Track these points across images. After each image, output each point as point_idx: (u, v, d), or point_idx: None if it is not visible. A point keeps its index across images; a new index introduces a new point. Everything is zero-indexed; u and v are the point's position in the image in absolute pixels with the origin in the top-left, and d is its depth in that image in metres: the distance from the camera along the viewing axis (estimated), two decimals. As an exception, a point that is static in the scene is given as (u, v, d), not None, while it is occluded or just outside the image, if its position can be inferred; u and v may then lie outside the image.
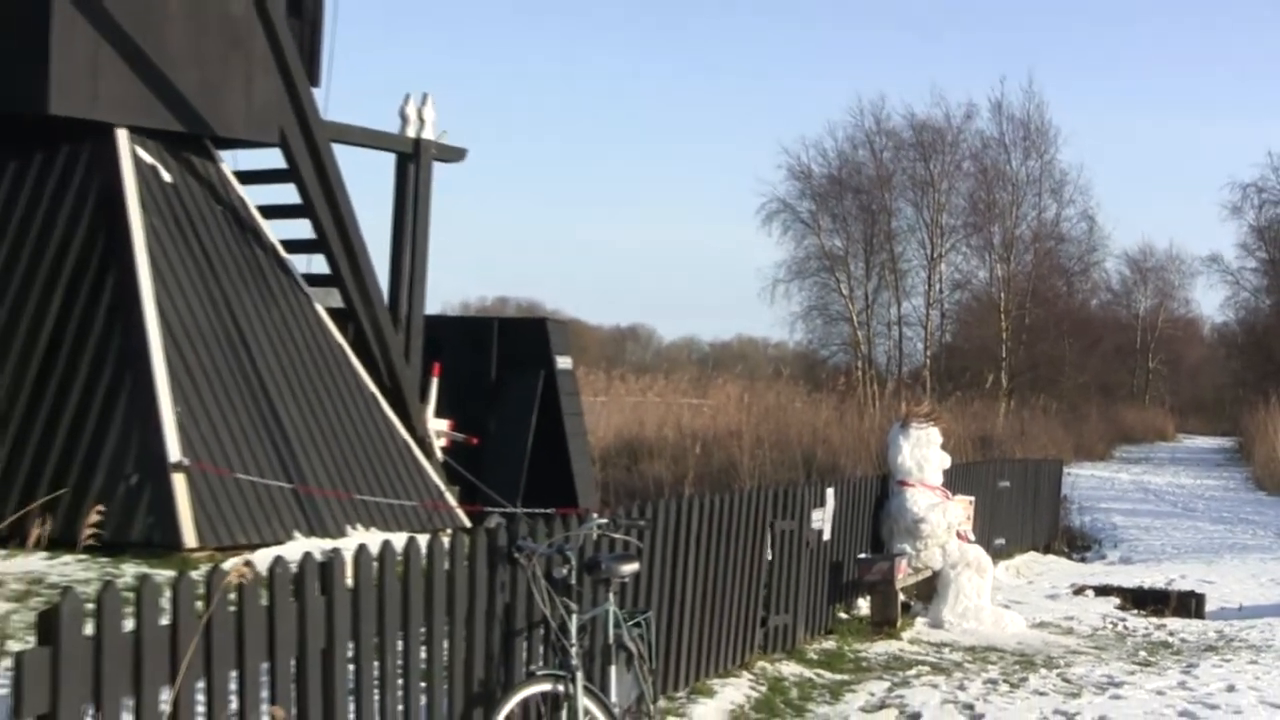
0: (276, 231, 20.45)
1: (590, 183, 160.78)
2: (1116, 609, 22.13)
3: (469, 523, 19.46)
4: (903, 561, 18.84)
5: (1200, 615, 21.97)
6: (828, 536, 17.34)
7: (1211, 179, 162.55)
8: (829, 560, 17.53)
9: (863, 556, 18.73)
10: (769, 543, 15.41)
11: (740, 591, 14.61)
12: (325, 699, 8.31)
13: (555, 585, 9.99)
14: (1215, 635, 19.69)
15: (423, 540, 9.28)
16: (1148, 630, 20.29)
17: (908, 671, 15.80)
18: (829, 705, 13.94)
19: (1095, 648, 18.44)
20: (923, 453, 19.69)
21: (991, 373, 68.54)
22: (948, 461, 20.19)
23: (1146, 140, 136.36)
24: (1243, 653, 17.79)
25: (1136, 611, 22.01)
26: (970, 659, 16.92)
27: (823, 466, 34.35)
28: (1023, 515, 28.22)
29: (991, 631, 18.86)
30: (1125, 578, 25.17)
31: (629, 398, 48.82)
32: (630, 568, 10.79)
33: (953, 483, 20.49)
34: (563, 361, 24.65)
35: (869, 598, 18.78)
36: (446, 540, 9.52)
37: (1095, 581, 24.57)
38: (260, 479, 17.77)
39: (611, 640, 10.37)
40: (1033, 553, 28.33)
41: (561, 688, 9.42)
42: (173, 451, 17.03)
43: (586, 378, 42.28)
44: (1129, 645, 18.79)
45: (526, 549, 9.93)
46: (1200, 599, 22.62)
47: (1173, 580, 24.77)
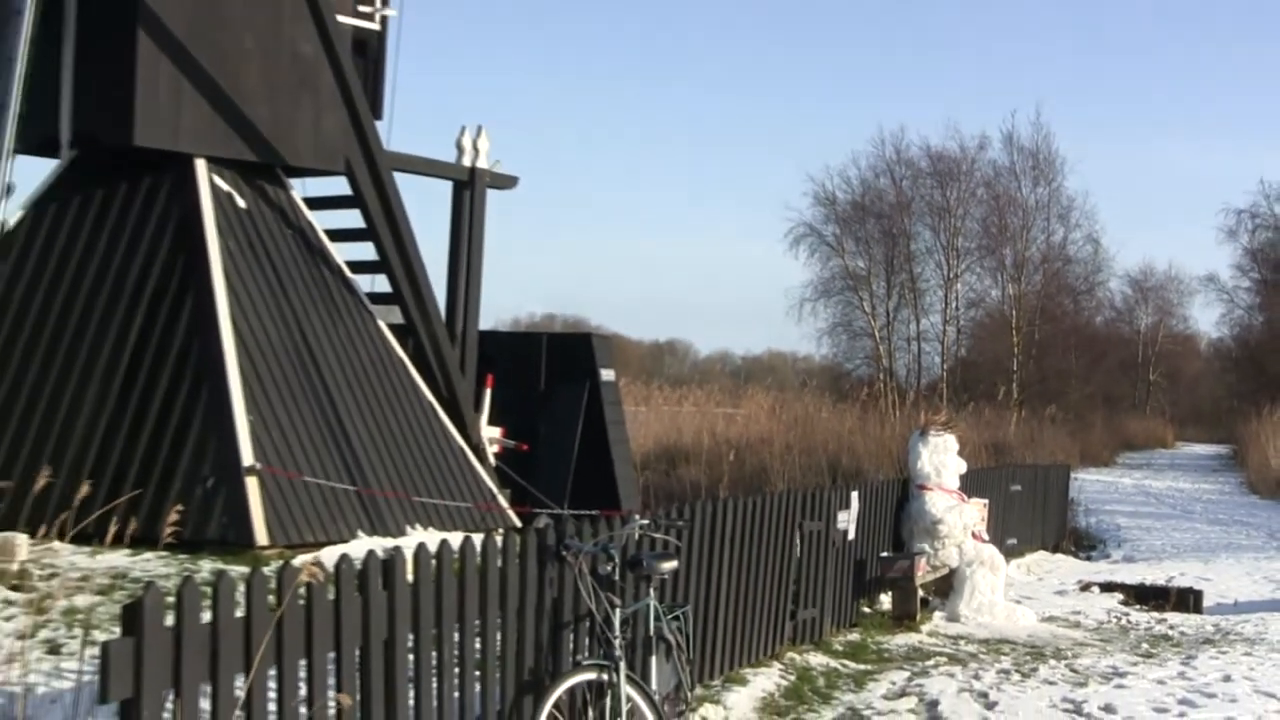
0: (342, 253, 20.47)
1: (632, 208, 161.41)
2: (1120, 604, 22.06)
3: (519, 523, 19.42)
4: (922, 560, 18.81)
5: (1198, 610, 21.88)
6: (852, 536, 17.31)
7: (1208, 205, 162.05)
8: (853, 558, 17.49)
9: (885, 555, 18.70)
10: (798, 542, 15.39)
11: (771, 587, 14.59)
12: (387, 687, 8.31)
13: (600, 581, 9.99)
14: (1212, 629, 19.60)
15: (477, 539, 9.28)
16: (1149, 624, 20.21)
17: (926, 662, 15.77)
18: (853, 693, 13.92)
19: (1101, 640, 18.36)
20: (940, 459, 19.66)
21: (1004, 384, 68.50)
22: (963, 467, 20.15)
23: (1148, 168, 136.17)
24: (1238, 645, 17.72)
25: (1139, 607, 21.93)
26: (984, 650, 16.87)
27: (847, 471, 34.24)
28: (1033, 517, 28.14)
29: (1004, 625, 18.81)
30: (1128, 575, 25.10)
31: (667, 407, 48.79)
32: (669, 565, 10.78)
33: (968, 487, 20.44)
34: (606, 374, 24.61)
35: (890, 593, 18.74)
36: (499, 539, 9.52)
37: (1100, 579, 24.48)
38: (326, 482, 17.77)
39: (652, 632, 10.35)
40: (1042, 552, 28.23)
41: (606, 676, 9.42)
42: (246, 456, 17.05)
43: (628, 388, 42.23)
44: (1132, 638, 18.71)
45: (573, 548, 9.92)
46: (1198, 595, 22.53)
47: (1172, 578, 24.68)
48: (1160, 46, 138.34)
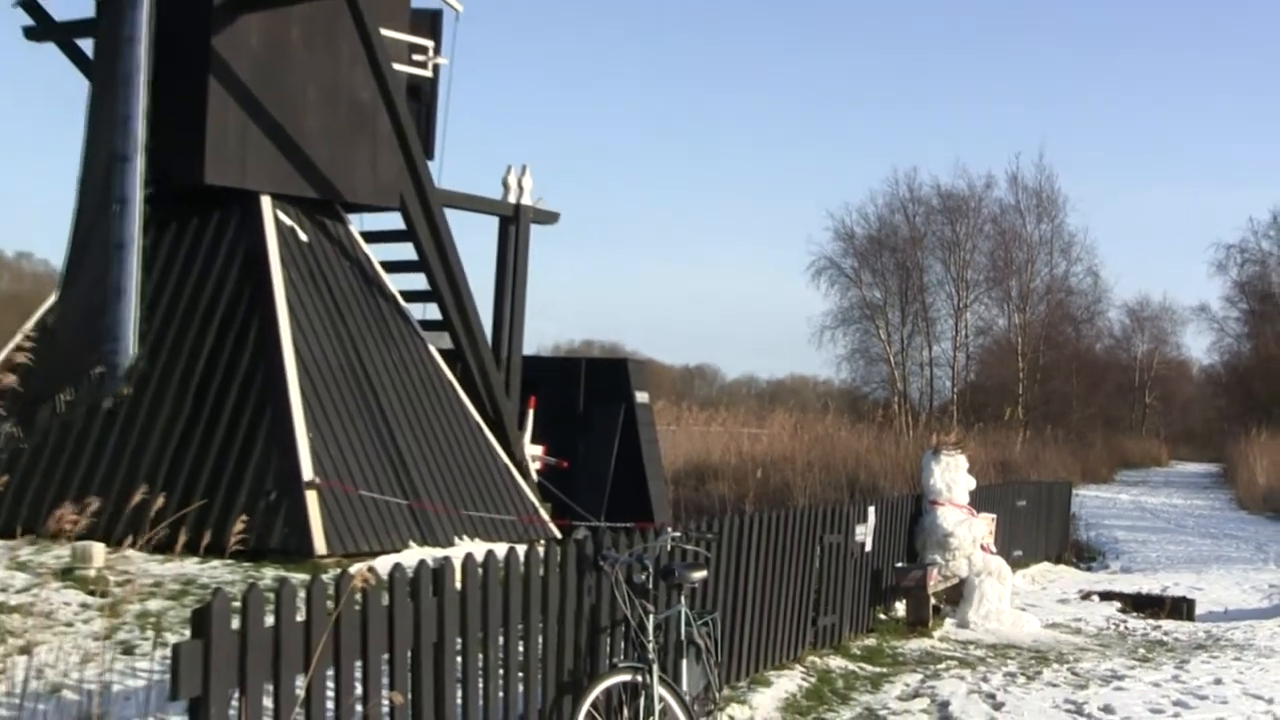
0: (396, 283, 20.50)
1: (665, 242, 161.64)
2: (1118, 612, 21.92)
3: (559, 535, 19.40)
4: (934, 570, 18.75)
5: (1191, 618, 21.74)
6: (869, 548, 17.24)
7: (1200, 240, 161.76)
8: (870, 568, 17.42)
9: (899, 565, 18.63)
10: (818, 553, 15.34)
11: (793, 595, 14.54)
12: (436, 686, 8.29)
13: (635, 589, 9.96)
14: (1204, 635, 19.48)
15: (520, 550, 9.26)
16: (1146, 631, 20.09)
17: (938, 665, 15.69)
18: (870, 694, 13.86)
19: (1100, 645, 18.25)
20: (951, 476, 19.58)
21: (1010, 407, 68.06)
22: (973, 483, 20.07)
23: (1144, 206, 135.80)
24: (1228, 650, 17.61)
25: (1136, 614, 21.79)
26: (992, 655, 16.78)
27: (865, 487, 34.15)
28: (1037, 530, 28.00)
29: (1010, 631, 18.71)
30: (1126, 585, 24.98)
31: (697, 427, 48.72)
32: (699, 574, 10.74)
33: (977, 502, 20.34)
34: (641, 396, 24.61)
35: (905, 601, 18.67)
36: (541, 550, 9.50)
37: (1100, 588, 24.35)
38: (380, 495, 17.78)
39: (683, 637, 10.32)
40: (1046, 563, 28.08)
41: (640, 678, 9.39)
42: (306, 471, 17.07)
43: (661, 410, 42.17)
44: (1129, 643, 18.60)
45: (610, 558, 9.91)
46: (1191, 604, 22.39)
47: (1167, 587, 24.53)
48: (1157, 91, 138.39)
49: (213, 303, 18.51)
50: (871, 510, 17.42)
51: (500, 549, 9.39)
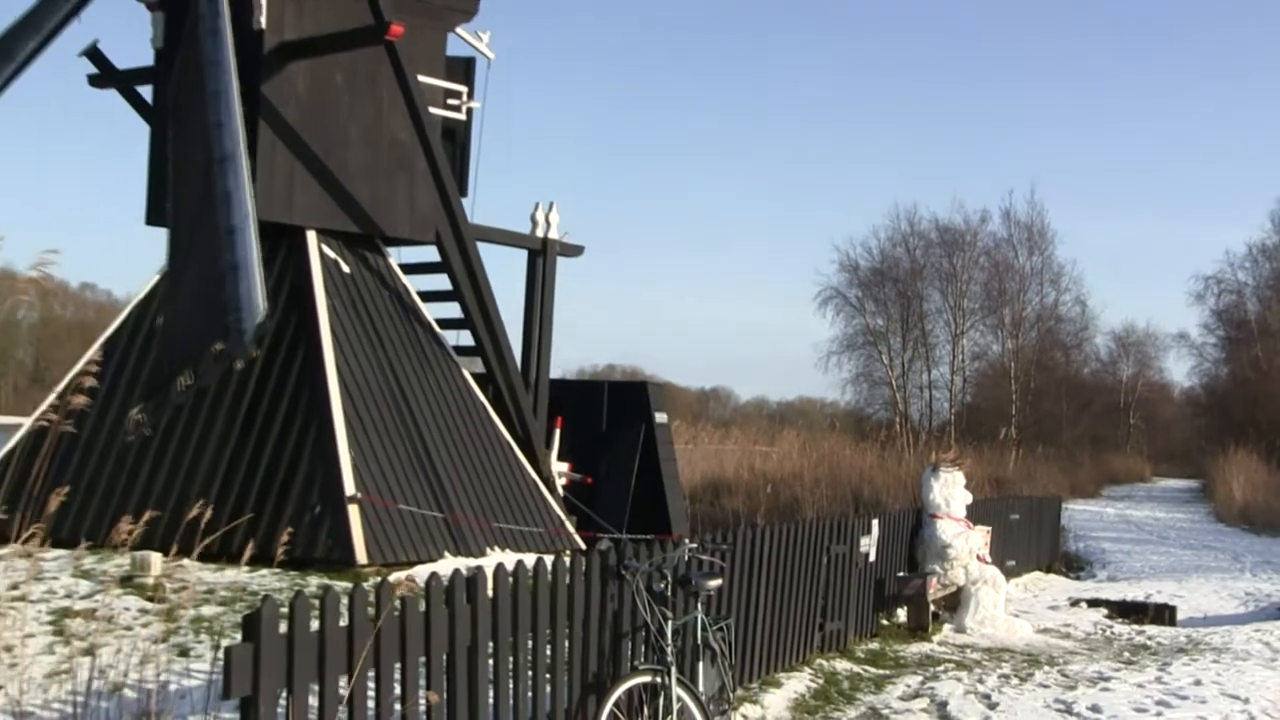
0: (432, 312, 20.52)
1: (683, 272, 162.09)
2: (1105, 618, 21.86)
3: (584, 546, 19.38)
4: (933, 579, 18.72)
5: (1173, 623, 21.69)
6: (873, 558, 17.22)
7: (1180, 271, 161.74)
8: (874, 577, 17.39)
9: (901, 575, 18.60)
10: (825, 563, 15.32)
11: (802, 602, 14.52)
12: (470, 687, 8.29)
13: (654, 596, 9.95)
14: (1185, 639, 19.42)
15: (548, 560, 9.27)
16: (1130, 635, 20.03)
17: (937, 667, 15.66)
18: (874, 695, 13.83)
19: (1088, 649, 18.20)
20: (949, 491, 19.55)
21: (1004, 427, 68.25)
22: (969, 498, 20.04)
23: (1129, 239, 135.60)
24: (1207, 654, 17.56)
25: (1121, 620, 21.73)
26: (987, 658, 16.74)
27: (868, 502, 34.11)
28: (1029, 542, 27.91)
29: (1004, 636, 18.67)
30: (1112, 593, 24.90)
31: (712, 446, 48.66)
32: (715, 583, 10.75)
33: (973, 515, 20.29)
34: (660, 417, 24.59)
35: (906, 608, 18.64)
36: (567, 560, 9.50)
37: (1088, 596, 24.28)
38: (417, 509, 17.78)
39: (699, 641, 10.32)
40: (1037, 572, 27.99)
41: (659, 679, 9.38)
42: (348, 487, 17.08)
43: (678, 429, 42.19)
44: (1115, 647, 18.54)
45: (631, 567, 9.90)
46: (1173, 610, 22.34)
47: (1150, 595, 24.45)
48: (1143, 131, 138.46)
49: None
50: (875, 523, 17.40)
51: (529, 559, 9.39)
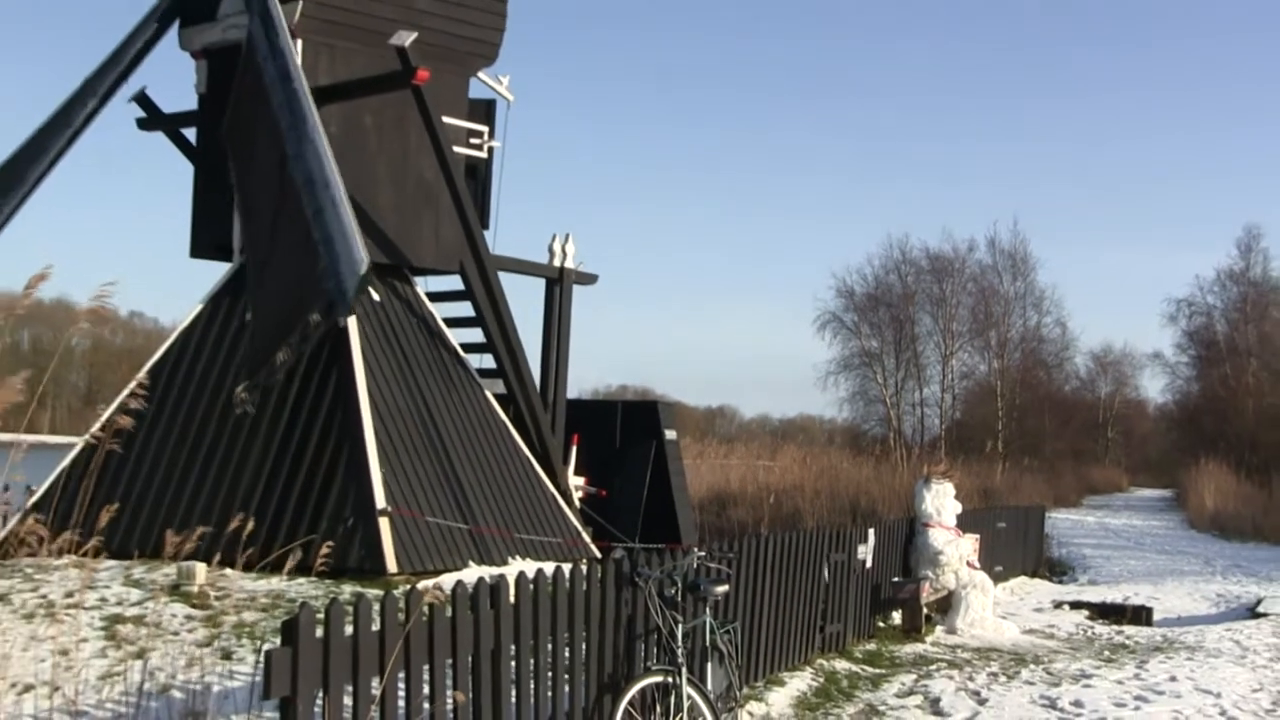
0: (456, 337, 20.52)
1: (691, 299, 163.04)
2: (1086, 619, 21.84)
3: (599, 555, 19.35)
4: (926, 584, 18.70)
5: (1149, 623, 21.67)
6: (869, 565, 17.19)
7: (1154, 295, 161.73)
8: (870, 582, 17.37)
9: (896, 580, 18.58)
10: (825, 569, 15.29)
11: (804, 606, 14.50)
12: (494, 687, 8.28)
13: (665, 602, 9.94)
14: (1161, 638, 19.38)
15: (566, 568, 9.26)
16: (1110, 635, 20.00)
17: (930, 666, 15.63)
18: (871, 692, 13.80)
19: (1071, 648, 18.16)
20: (940, 502, 19.54)
21: (991, 441, 68.12)
22: (959, 508, 20.03)
23: (1107, 264, 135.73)
24: (1181, 652, 17.53)
25: (1101, 621, 21.71)
26: (977, 657, 16.70)
27: (865, 512, 34.12)
28: (1015, 548, 27.86)
29: (993, 636, 18.64)
30: (1093, 595, 24.88)
31: (718, 460, 48.68)
32: (722, 588, 10.73)
33: (963, 524, 20.28)
34: (669, 434, 24.58)
35: (901, 611, 18.61)
36: (583, 568, 9.49)
37: (1070, 598, 24.26)
38: (444, 521, 17.77)
39: (708, 643, 10.32)
40: (1023, 577, 27.94)
41: (670, 679, 9.38)
42: (379, 501, 17.07)
43: (687, 445, 42.06)
44: (1096, 646, 18.50)
45: (644, 574, 9.90)
46: (1149, 611, 22.32)
47: (1128, 597, 24.42)
48: (1121, 165, 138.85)
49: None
50: (871, 532, 17.38)
51: (548, 567, 9.38)
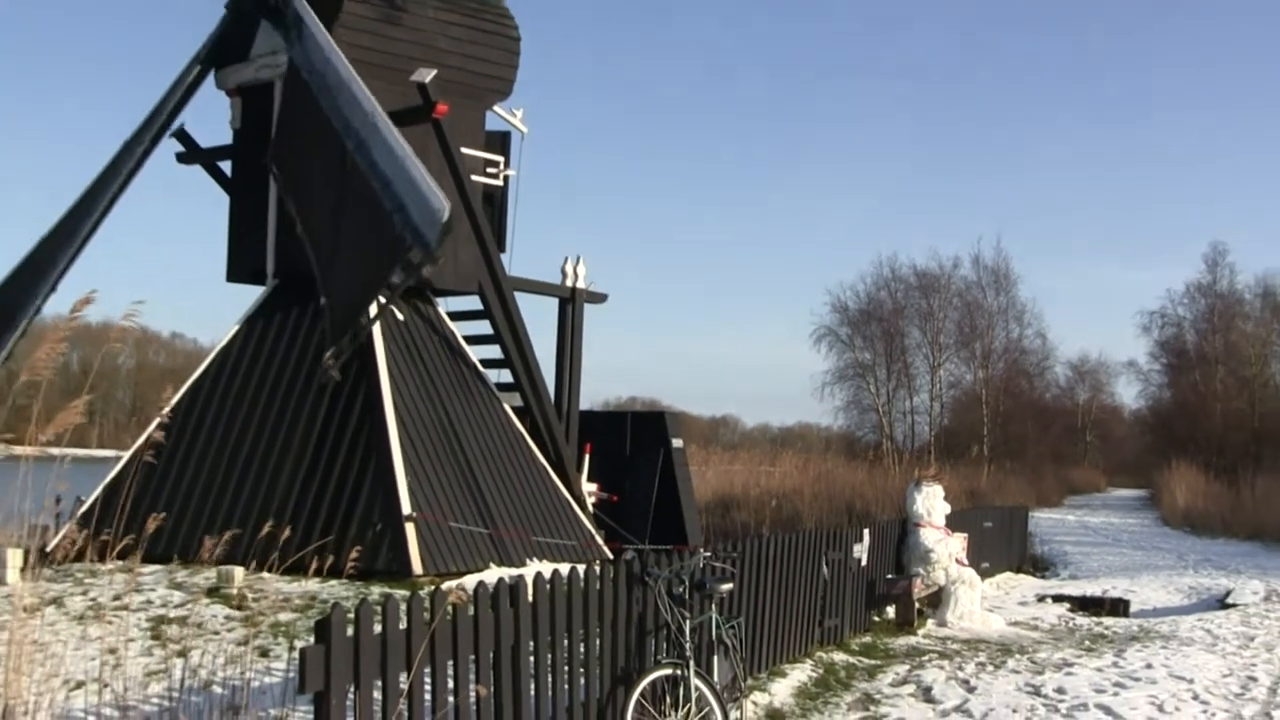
0: (476, 354, 20.55)
1: (696, 313, 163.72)
2: (1068, 611, 21.78)
3: (611, 556, 19.35)
4: (918, 580, 18.65)
5: (1126, 615, 21.61)
6: (865, 563, 17.15)
7: (1128, 307, 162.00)
8: (866, 579, 17.32)
9: (889, 576, 18.53)
10: (824, 567, 15.27)
11: (804, 602, 14.47)
12: (514, 680, 8.26)
13: (674, 599, 9.92)
14: (1137, 629, 19.34)
15: (580, 569, 9.25)
16: (1090, 626, 19.95)
17: (922, 657, 15.59)
18: (867, 682, 13.77)
19: (1053, 639, 18.11)
20: (931, 503, 19.49)
21: (977, 446, 67.98)
22: (948, 509, 19.98)
23: (1084, 278, 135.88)
24: (1157, 641, 17.48)
25: (1082, 613, 21.65)
26: (966, 648, 16.66)
27: (860, 513, 34.10)
28: (1001, 546, 27.81)
29: (980, 629, 18.60)
30: (1074, 589, 24.82)
31: (722, 466, 48.66)
32: (727, 586, 10.72)
33: (952, 524, 20.22)
34: (676, 442, 24.59)
35: (894, 606, 18.55)
36: (597, 569, 9.49)
37: (1052, 592, 24.20)
38: (466, 525, 17.77)
39: (714, 638, 10.30)
40: (1008, 572, 27.87)
41: (679, 672, 9.36)
42: (406, 507, 17.09)
43: (692, 453, 42.10)
44: (1077, 637, 18.45)
45: (654, 574, 9.89)
46: (1126, 603, 22.27)
47: (1107, 590, 24.38)
48: (1094, 187, 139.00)
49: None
50: (866, 532, 17.35)
51: (564, 568, 9.37)
